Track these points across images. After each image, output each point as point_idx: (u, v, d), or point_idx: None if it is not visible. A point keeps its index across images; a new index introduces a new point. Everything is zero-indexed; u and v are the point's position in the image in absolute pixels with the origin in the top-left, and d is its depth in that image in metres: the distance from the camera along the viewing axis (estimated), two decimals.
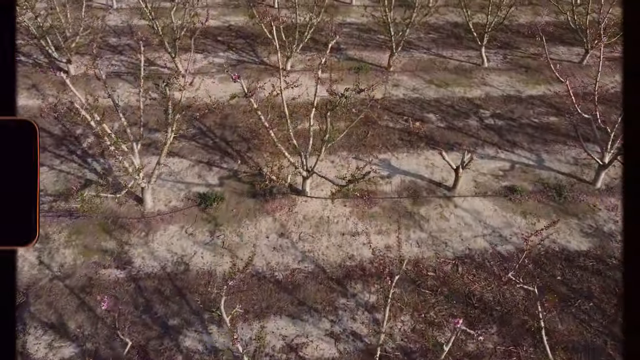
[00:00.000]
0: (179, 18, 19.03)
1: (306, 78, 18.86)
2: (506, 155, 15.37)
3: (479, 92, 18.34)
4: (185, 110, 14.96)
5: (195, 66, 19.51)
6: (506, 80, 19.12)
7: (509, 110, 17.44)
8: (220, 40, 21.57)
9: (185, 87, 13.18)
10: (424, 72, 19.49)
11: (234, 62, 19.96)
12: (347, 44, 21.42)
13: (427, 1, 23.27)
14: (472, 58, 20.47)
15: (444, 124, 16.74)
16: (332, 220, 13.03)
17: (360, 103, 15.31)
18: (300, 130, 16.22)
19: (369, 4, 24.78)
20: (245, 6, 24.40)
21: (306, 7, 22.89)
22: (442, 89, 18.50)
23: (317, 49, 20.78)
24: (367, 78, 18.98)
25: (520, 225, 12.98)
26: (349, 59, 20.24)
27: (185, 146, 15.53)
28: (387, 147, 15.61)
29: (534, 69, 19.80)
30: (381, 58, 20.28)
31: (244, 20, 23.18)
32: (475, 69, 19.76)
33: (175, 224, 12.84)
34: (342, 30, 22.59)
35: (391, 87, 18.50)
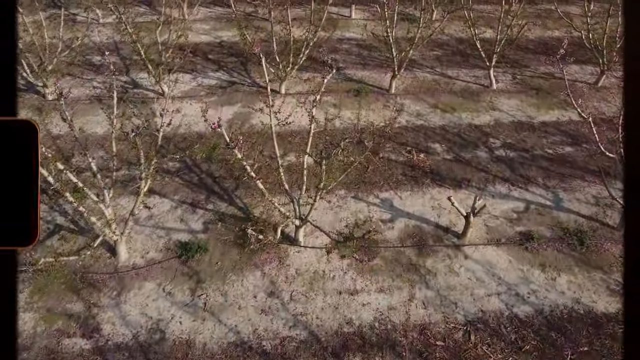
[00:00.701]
0: (164, 38, 17.39)
1: (302, 104, 17.23)
2: (520, 194, 13.76)
3: (488, 118, 16.71)
4: (165, 152, 13.34)
5: (182, 88, 17.87)
6: (516, 104, 17.48)
7: (520, 140, 15.81)
8: (210, 58, 19.92)
9: (163, 128, 11.54)
10: (428, 94, 17.86)
11: (224, 83, 18.32)
12: (345, 62, 19.78)
13: (431, 17, 21.64)
14: (479, 78, 18.83)
15: (450, 155, 15.11)
16: (328, 275, 11.42)
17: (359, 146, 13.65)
18: (294, 163, 14.63)
19: (369, 17, 23.16)
20: (239, 20, 22.76)
21: (304, 20, 21.30)
22: (448, 114, 16.87)
23: (315, 67, 19.14)
24: (367, 101, 17.35)
25: (538, 281, 11.37)
26: (347, 80, 18.59)
27: (169, 183, 13.91)
28: (389, 184, 13.99)
29: (546, 90, 18.16)
30: (382, 78, 18.65)
31: (236, 35, 21.54)
32: (483, 91, 18.13)
33: (152, 281, 11.23)
34: (341, 46, 20.96)
35: (393, 111, 16.87)
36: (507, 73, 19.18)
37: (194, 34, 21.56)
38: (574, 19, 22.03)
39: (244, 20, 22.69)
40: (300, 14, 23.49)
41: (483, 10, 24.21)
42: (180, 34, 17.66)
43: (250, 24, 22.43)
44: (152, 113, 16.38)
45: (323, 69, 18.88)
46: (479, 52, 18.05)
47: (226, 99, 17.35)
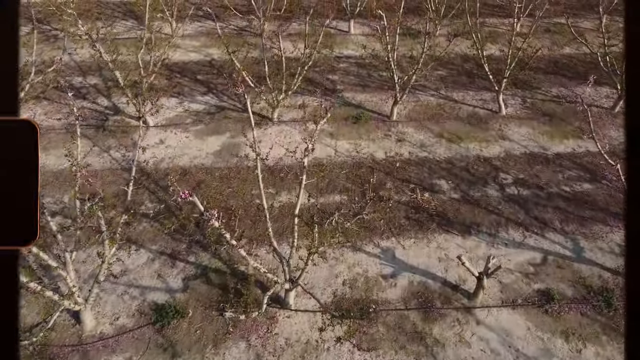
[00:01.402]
0: (148, 59, 15.78)
1: (296, 131, 15.66)
2: (536, 242, 12.19)
3: (498, 150, 15.12)
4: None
5: (167, 115, 16.28)
6: (528, 132, 15.89)
7: (534, 175, 14.23)
8: (199, 79, 18.31)
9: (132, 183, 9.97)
10: (432, 121, 16.26)
11: (213, 108, 16.71)
12: (344, 83, 18.18)
13: (434, 31, 20.04)
14: (487, 102, 17.23)
15: (458, 194, 13.54)
16: (322, 347, 9.85)
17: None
18: (285, 204, 13.06)
19: (369, 33, 21.54)
20: (231, 36, 21.15)
21: (300, 35, 19.73)
22: (455, 144, 15.28)
23: (310, 90, 17.54)
24: (367, 129, 15.76)
25: (562, 353, 9.82)
26: (346, 104, 16.99)
27: (146, 229, 12.34)
28: (390, 230, 12.42)
29: (559, 117, 16.57)
30: (383, 102, 17.05)
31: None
32: (492, 117, 16.53)
33: (121, 354, 9.67)
34: (339, 65, 19.36)
35: (395, 142, 15.27)
36: (516, 96, 17.58)
37: (182, 52, 19.96)
38: (586, 33, 20.44)
39: (235, 36, 21.11)
40: (297, 28, 21.90)
41: (490, 24, 22.59)
42: (164, 57, 16.05)
43: (242, 40, 20.83)
44: (132, 144, 14.81)
45: (319, 91, 17.32)
46: (486, 72, 16.44)
47: (214, 127, 15.76)
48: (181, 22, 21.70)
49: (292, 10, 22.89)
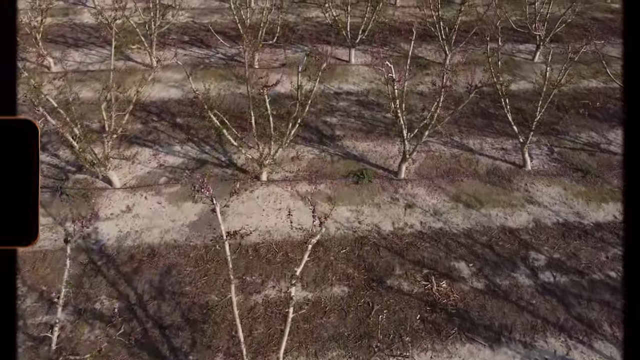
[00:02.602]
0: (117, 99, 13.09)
1: (287, 194, 12.98)
2: (582, 355, 9.55)
3: (525, 218, 12.45)
4: None
5: (138, 172, 13.59)
6: (559, 193, 13.20)
7: (571, 254, 11.57)
8: (179, 123, 15.60)
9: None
10: (446, 179, 13.57)
11: (193, 163, 14.00)
12: (343, 127, 15.47)
13: (445, 59, 17.33)
14: (508, 152, 14.53)
15: (481, 282, 10.89)
16: None
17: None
18: (273, 300, 10.43)
19: (372, 62, 18.79)
20: (218, 67, 18.43)
21: (295, 64, 17.08)
22: (474, 211, 12.60)
23: (306, 137, 14.85)
24: (370, 191, 13.08)
25: None
26: (345, 156, 14.29)
27: (99, 339, 9.70)
28: (401, 337, 9.77)
29: (594, 172, 13.87)
30: (388, 153, 14.34)
31: (215, 88, 17.22)
32: (515, 173, 13.83)
33: None
34: (338, 104, 16.64)
35: (404, 209, 12.60)
36: (541, 144, 14.87)
37: (162, 86, 17.25)
38: (612, 62, 17.71)
39: (223, 67, 18.39)
40: (292, 57, 19.18)
41: (504, 51, 19.84)
42: (137, 97, 13.39)
43: (231, 71, 18.11)
44: (94, 214, 12.15)
45: (315, 138, 14.66)
46: (504, 112, 13.74)
47: (191, 189, 13.09)
48: (164, 48, 19.03)
49: (287, 36, 20.16)
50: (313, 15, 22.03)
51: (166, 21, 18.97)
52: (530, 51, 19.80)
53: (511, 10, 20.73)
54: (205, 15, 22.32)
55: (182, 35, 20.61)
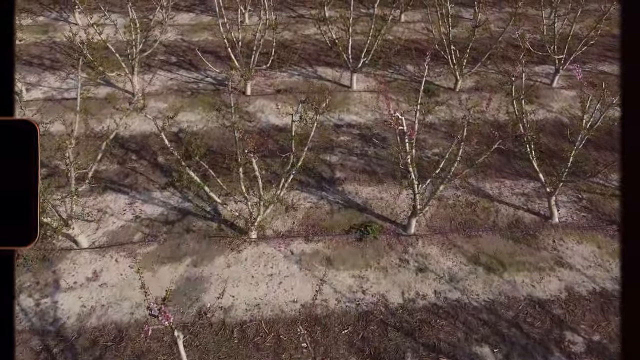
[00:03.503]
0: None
1: (280, 256, 11.04)
2: None
3: (556, 285, 10.50)
4: None
5: (109, 227, 11.63)
6: (592, 253, 11.25)
7: (612, 334, 9.64)
8: (159, 163, 13.63)
9: None
10: (462, 234, 11.62)
11: (173, 214, 12.04)
12: (344, 168, 13.50)
13: (455, 86, 15.37)
14: (531, 199, 12.57)
15: None
16: None
17: None
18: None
19: (375, 88, 16.84)
20: (206, 94, 16.44)
21: (292, 93, 15.17)
22: (496, 276, 10.66)
23: (302, 181, 12.89)
24: (376, 250, 11.13)
25: None
26: (346, 204, 12.33)
27: None
28: None
29: None
30: (395, 201, 12.38)
31: (203, 119, 15.28)
32: (541, 225, 11.88)
33: None
34: (339, 139, 14.68)
35: (415, 273, 10.65)
36: (567, 188, 12.91)
37: (143, 118, 15.25)
38: None
39: (211, 94, 16.41)
40: (288, 81, 17.21)
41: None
42: (109, 137, 11.45)
43: (221, 99, 16.12)
44: (54, 283, 10.21)
45: (313, 182, 12.71)
46: (530, 157, 11.78)
47: (171, 248, 11.13)
48: (147, 72, 17.06)
49: (283, 57, 18.17)
50: (311, 32, 20.04)
51: (149, 44, 16.98)
52: (548, 74, 17.81)
53: (525, 28, 18.72)
54: (195, 32, 20.33)
55: (169, 55, 18.64)
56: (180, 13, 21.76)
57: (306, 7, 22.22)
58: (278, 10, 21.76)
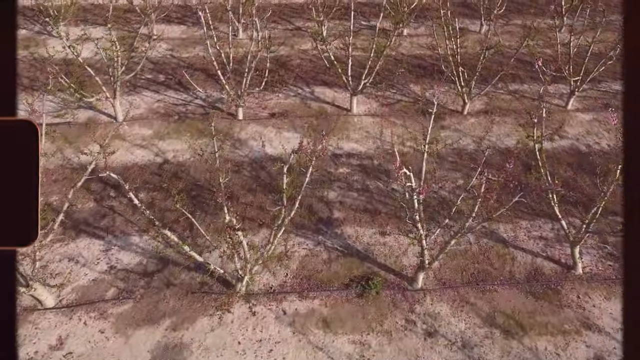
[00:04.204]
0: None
1: (272, 317, 9.63)
2: None
3: (584, 354, 9.09)
4: None
5: (80, 280, 10.21)
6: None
7: None
8: (141, 199, 12.20)
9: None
10: (475, 288, 10.20)
11: (152, 261, 10.64)
12: (343, 206, 12.08)
13: (463, 106, 13.93)
14: (550, 244, 11.16)
15: None
16: None
17: None
18: None
19: (376, 111, 15.43)
20: (194, 119, 15.00)
21: (287, 118, 13.77)
22: (515, 342, 9.25)
23: (297, 223, 11.47)
24: (379, 310, 9.72)
25: None
26: (346, 251, 10.91)
27: None
28: None
29: None
30: (400, 247, 10.97)
31: (190, 148, 13.84)
32: (563, 277, 10.46)
33: None
34: (337, 171, 13.25)
35: (423, 339, 9.25)
36: (591, 238, 11.47)
37: (127, 146, 13.85)
38: None
39: (200, 119, 14.97)
40: (284, 103, 15.78)
41: (534, 95, 16.47)
42: (87, 170, 10.01)
43: (209, 124, 14.66)
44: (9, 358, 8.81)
45: (309, 224, 11.32)
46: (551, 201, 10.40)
47: (147, 308, 9.71)
48: (132, 93, 15.64)
49: (278, 75, 16.75)
50: (309, 47, 18.59)
51: (136, 61, 15.54)
52: (562, 94, 16.38)
53: (536, 44, 17.29)
54: (186, 47, 18.88)
55: (156, 74, 17.19)
56: (171, 25, 20.32)
57: (303, 18, 20.76)
58: (274, 22, 20.34)
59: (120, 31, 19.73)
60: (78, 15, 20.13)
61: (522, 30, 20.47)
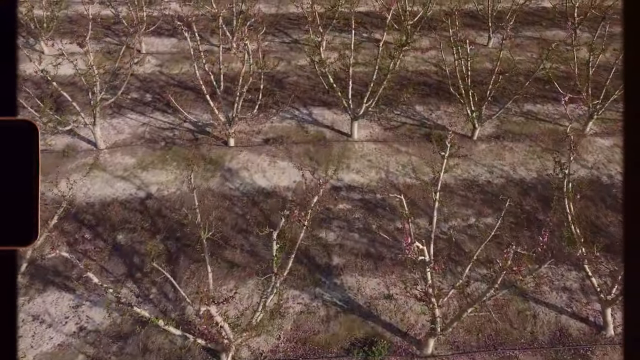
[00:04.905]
0: None
1: None
2: None
3: None
4: None
5: (42, 345, 8.85)
6: None
7: None
8: (119, 243, 10.83)
9: None
10: (492, 354, 8.84)
11: (127, 324, 9.28)
12: (343, 250, 10.68)
13: (476, 125, 12.56)
14: (576, 297, 9.77)
15: None
16: None
17: None
18: None
19: (379, 136, 14.04)
20: (182, 145, 13.61)
21: (283, 146, 12.42)
22: None
23: (291, 270, 10.10)
24: None
25: None
26: (346, 306, 9.51)
27: None
28: None
29: None
30: (408, 304, 9.60)
31: (176, 180, 12.46)
32: (593, 340, 9.09)
33: None
34: (337, 208, 11.87)
35: None
36: (619, 273, 10.11)
37: (105, 178, 12.47)
38: None
39: (188, 145, 13.60)
40: (279, 127, 14.39)
41: (548, 117, 15.09)
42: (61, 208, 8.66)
43: (199, 152, 13.29)
44: None
45: (304, 272, 9.97)
46: (568, 232, 9.02)
47: None
48: (116, 116, 14.28)
49: (273, 94, 15.37)
50: (307, 62, 17.17)
51: (123, 78, 14.14)
52: (578, 116, 14.95)
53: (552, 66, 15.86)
54: (176, 62, 17.48)
55: (143, 93, 15.80)
56: (161, 38, 18.92)
57: (301, 30, 19.36)
58: (270, 34, 18.93)
59: (108, 44, 18.37)
60: (62, 28, 18.75)
61: (531, 43, 19.10)
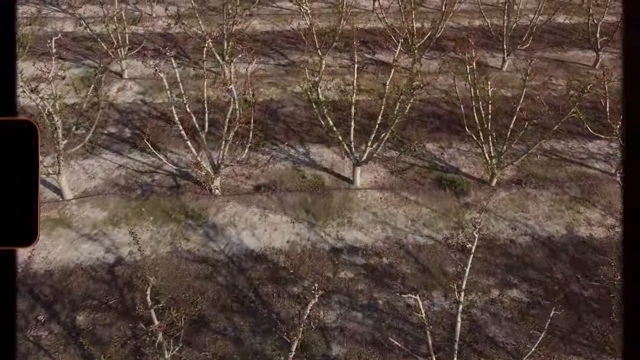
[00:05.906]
0: None
1: None
2: None
3: None
4: None
5: None
6: None
7: None
8: (77, 323, 8.95)
9: None
10: None
11: None
12: (344, 336, 8.81)
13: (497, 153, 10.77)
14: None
15: None
16: None
17: None
18: None
19: (383, 183, 12.17)
20: (166, 195, 11.75)
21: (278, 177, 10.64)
22: None
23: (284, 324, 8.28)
24: None
25: None
26: None
27: None
28: None
29: None
30: None
31: (152, 238, 10.60)
32: None
33: None
34: (338, 275, 10.02)
35: None
36: None
37: (70, 238, 10.59)
38: None
39: (168, 195, 11.73)
40: (272, 170, 12.53)
41: (571, 155, 13.23)
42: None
43: (179, 203, 11.41)
44: None
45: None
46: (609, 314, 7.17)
47: None
48: (89, 156, 12.45)
49: (265, 127, 13.50)
50: (304, 89, 15.27)
51: (105, 110, 12.23)
52: (607, 155, 13.10)
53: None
54: (160, 90, 15.50)
55: (122, 127, 13.92)
56: (145, 60, 16.97)
57: (299, 50, 17.43)
58: (265, 55, 17.03)
59: (87, 67, 16.43)
60: (40, 48, 16.81)
61: (548, 65, 17.20)
